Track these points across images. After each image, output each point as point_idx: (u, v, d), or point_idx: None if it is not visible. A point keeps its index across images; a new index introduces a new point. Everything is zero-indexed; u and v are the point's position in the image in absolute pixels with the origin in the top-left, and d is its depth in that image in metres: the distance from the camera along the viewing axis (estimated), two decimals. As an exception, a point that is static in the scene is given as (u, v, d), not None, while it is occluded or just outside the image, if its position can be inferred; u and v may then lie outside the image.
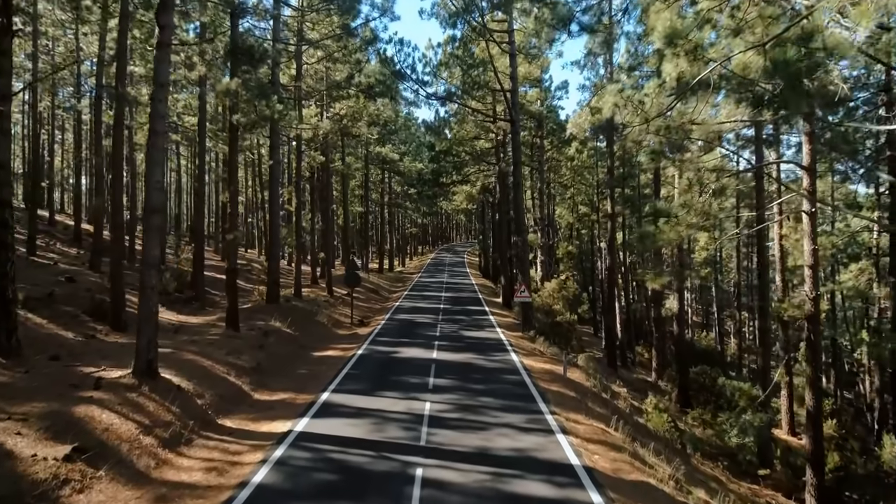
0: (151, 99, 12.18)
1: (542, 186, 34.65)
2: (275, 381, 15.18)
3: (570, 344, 26.44)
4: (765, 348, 16.87)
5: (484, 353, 19.13)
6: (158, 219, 11.96)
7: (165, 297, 23.87)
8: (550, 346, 22.48)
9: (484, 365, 17.29)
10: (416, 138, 61.51)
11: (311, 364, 17.54)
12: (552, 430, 11.25)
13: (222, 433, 11.08)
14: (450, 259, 77.15)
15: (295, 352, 18.60)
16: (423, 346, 19.93)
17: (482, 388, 14.40)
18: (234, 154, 17.25)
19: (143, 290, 11.84)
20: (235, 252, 18.15)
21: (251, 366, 15.44)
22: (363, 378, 15.40)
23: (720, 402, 18.61)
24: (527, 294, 23.51)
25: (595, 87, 28.93)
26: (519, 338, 23.11)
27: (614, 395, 17.83)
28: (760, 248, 17.17)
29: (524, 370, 16.65)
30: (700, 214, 13.77)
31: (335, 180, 49.16)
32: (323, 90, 25.89)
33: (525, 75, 29.32)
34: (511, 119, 24.18)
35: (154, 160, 11.95)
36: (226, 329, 17.71)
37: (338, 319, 26.30)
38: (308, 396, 13.58)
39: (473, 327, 24.74)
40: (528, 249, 27.37)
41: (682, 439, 16.40)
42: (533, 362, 18.13)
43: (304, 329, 22.00)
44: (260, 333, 18.72)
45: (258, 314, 21.53)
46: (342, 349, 19.87)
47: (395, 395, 13.54)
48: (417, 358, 18.08)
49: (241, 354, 16.04)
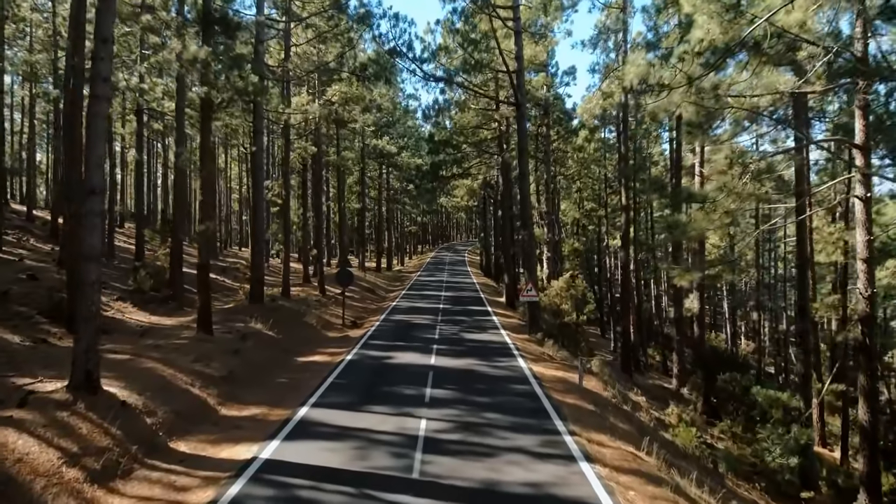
0: (92, 58, 10.21)
1: (547, 179, 32.66)
2: (248, 391, 13.19)
3: (580, 347, 24.47)
4: (805, 354, 14.91)
5: (488, 358, 17.15)
6: (98, 202, 9.97)
7: (140, 296, 21.93)
8: (560, 350, 20.52)
9: (488, 372, 15.31)
10: (414, 133, 59.50)
11: (292, 371, 15.55)
12: (574, 457, 9.27)
13: (171, 460, 9.10)
14: (450, 258, 75.14)
15: (276, 357, 16.61)
16: (420, 351, 17.96)
17: (487, 402, 12.42)
18: (206, 134, 15.29)
19: (81, 288, 9.86)
20: (208, 245, 16.19)
21: (221, 374, 13.45)
22: (350, 388, 13.42)
23: (752, 413, 16.66)
24: (534, 293, 21.55)
25: (606, 70, 26.96)
26: (525, 341, 21.13)
27: (635, 407, 15.84)
28: (800, 240, 15.20)
29: (534, 378, 14.67)
30: (742, 198, 11.76)
31: (331, 175, 47.23)
32: (310, 70, 23.88)
33: (530, 59, 27.37)
34: (516, 102, 22.20)
35: (94, 131, 9.97)
36: (197, 332, 15.74)
37: (328, 321, 24.31)
38: (283, 412, 11.60)
39: (475, 329, 22.76)
40: (535, 245, 25.37)
41: (715, 457, 14.43)
42: (543, 369, 16.15)
43: (290, 331, 20.02)
44: (237, 336, 16.74)
45: (238, 315, 19.55)
46: (330, 354, 17.89)
47: (385, 411, 11.56)
48: (413, 364, 16.10)
49: (212, 361, 14.06)
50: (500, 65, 23.82)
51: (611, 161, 38.36)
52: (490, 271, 54.08)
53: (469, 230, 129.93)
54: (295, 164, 33.30)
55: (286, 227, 26.89)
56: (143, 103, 25.26)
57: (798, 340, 15.26)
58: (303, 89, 31.40)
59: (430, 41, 27.02)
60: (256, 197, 21.44)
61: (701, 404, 19.57)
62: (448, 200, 67.79)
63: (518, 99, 22.13)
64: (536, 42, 27.29)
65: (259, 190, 21.70)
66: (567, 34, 33.36)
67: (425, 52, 25.87)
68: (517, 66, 22.15)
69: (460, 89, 29.09)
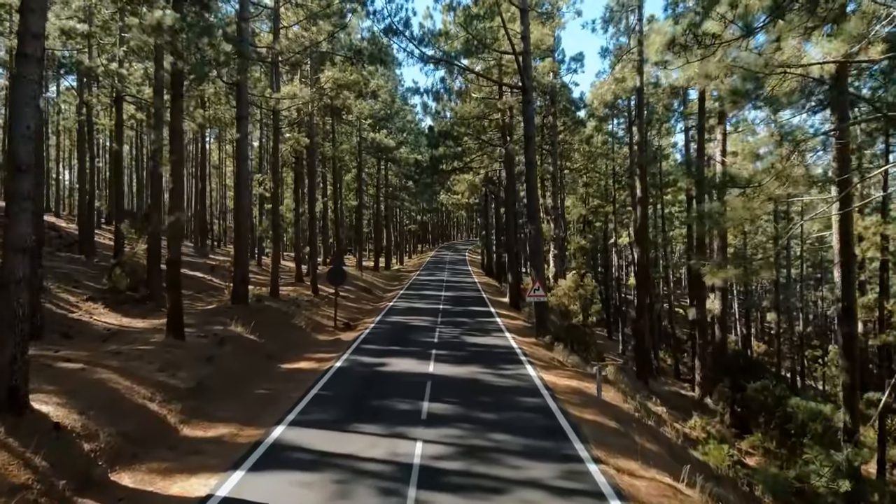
0: (20, 10, 8.49)
1: (554, 171, 30.91)
2: (218, 406, 11.48)
3: (590, 350, 22.76)
4: (850, 360, 13.22)
5: (493, 364, 15.43)
6: (26, 181, 8.26)
7: (114, 296, 20.24)
8: (570, 355, 18.80)
9: (494, 382, 13.60)
10: (413, 128, 57.76)
11: (273, 380, 13.83)
12: (602, 493, 7.56)
13: (109, 498, 7.39)
14: (450, 257, 73.39)
15: (256, 364, 14.89)
16: (418, 357, 16.24)
17: (494, 419, 10.70)
18: (177, 115, 13.58)
19: (5, 287, 8.14)
20: (179, 238, 14.48)
21: (188, 386, 11.73)
22: (336, 402, 11.71)
23: (786, 426, 14.96)
24: (542, 293, 19.84)
25: (619, 52, 25.18)
26: (532, 345, 19.42)
27: (659, 421, 14.12)
28: (844, 233, 13.46)
29: (545, 389, 12.95)
30: (792, 182, 10.02)
31: (327, 170, 45.51)
32: (299, 51, 22.11)
33: (536, 43, 25.60)
34: (522, 86, 20.47)
35: (20, 97, 8.26)
36: (167, 336, 14.02)
37: (319, 322, 22.59)
38: (256, 431, 9.90)
39: (478, 332, 21.05)
40: (543, 241, 23.66)
41: (750, 478, 12.73)
42: (554, 377, 14.43)
43: (275, 335, 18.30)
44: (213, 341, 15.02)
45: (218, 317, 17.84)
46: (318, 360, 16.18)
47: (374, 431, 9.85)
48: (409, 373, 14.39)
49: (179, 370, 12.34)
50: (505, 45, 22.07)
51: (620, 154, 36.64)
52: (492, 270, 52.36)
53: (470, 229, 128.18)
54: (287, 157, 31.58)
55: (275, 222, 25.14)
56: (122, 90, 23.53)
57: (843, 345, 13.51)
58: (296, 77, 29.69)
59: (429, 27, 25.29)
60: (241, 189, 19.71)
61: (729, 416, 17.82)
62: (448, 198, 66.05)
63: (524, 83, 20.40)
64: (543, 23, 25.54)
65: (244, 181, 19.98)
66: (577, 14, 31.82)
67: (424, 37, 24.20)
68: (523, 47, 20.42)
69: (461, 76, 27.32)
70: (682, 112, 24.51)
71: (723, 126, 20.30)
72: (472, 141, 33.73)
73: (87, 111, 27.62)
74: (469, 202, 67.29)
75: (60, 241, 30.71)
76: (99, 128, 31.06)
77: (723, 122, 20.30)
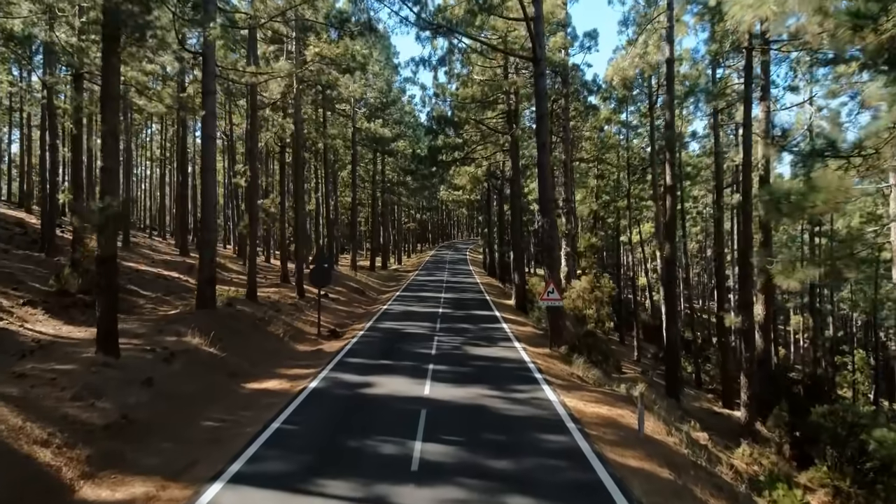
0: None
1: (566, 159, 28.12)
2: (144, 448, 8.71)
3: (610, 361, 20.02)
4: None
5: (502, 384, 12.68)
6: None
7: (61, 299, 17.45)
8: (590, 369, 16.04)
9: (505, 410, 10.83)
10: (411, 121, 54.95)
11: (229, 407, 11.06)
12: None
13: None
14: (451, 256, 70.61)
15: (211, 385, 12.11)
16: (411, 374, 13.49)
17: (509, 470, 7.94)
18: (109, 76, 10.79)
19: None
20: (114, 230, 11.73)
21: (108, 421, 8.97)
22: (302, 442, 8.96)
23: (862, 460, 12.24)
24: (557, 296, 17.09)
25: (643, 19, 22.30)
26: (546, 357, 16.66)
27: (711, 458, 11.34)
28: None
29: (572, 421, 10.19)
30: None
31: (318, 164, 42.79)
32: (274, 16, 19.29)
33: (548, 15, 22.73)
34: (534, 56, 17.70)
35: None
36: (96, 352, 11.25)
37: (300, 330, 19.83)
38: (181, 493, 7.16)
39: (482, 340, 18.29)
40: (558, 235, 20.89)
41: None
42: (579, 402, 11.67)
43: (244, 346, 15.54)
44: (158, 357, 12.24)
45: (175, 325, 15.04)
46: (291, 378, 13.43)
47: (347, 493, 7.11)
48: (400, 396, 11.64)
49: (101, 398, 9.59)
50: (515, 10, 19.31)
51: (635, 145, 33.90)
52: (494, 270, 49.60)
53: (470, 228, 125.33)
54: (273, 145, 28.81)
55: (252, 214, 22.32)
56: (80, 66, 20.71)
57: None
58: (281, 58, 26.91)
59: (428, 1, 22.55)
60: (207, 175, 16.94)
61: (789, 447, 14.98)
62: (449, 194, 63.22)
63: (536, 52, 17.64)
64: (555, -11, 22.82)
65: (210, 165, 17.17)
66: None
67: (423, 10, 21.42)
68: (535, 12, 17.65)
69: (462, 54, 24.57)
70: (712, 91, 21.83)
71: (766, 102, 17.53)
72: (474, 130, 30.96)
73: (47, 93, 24.83)
74: (470, 198, 64.55)
75: (24, 238, 28.00)
76: (62, 111, 28.25)
77: (766, 97, 17.53)
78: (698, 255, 51.74)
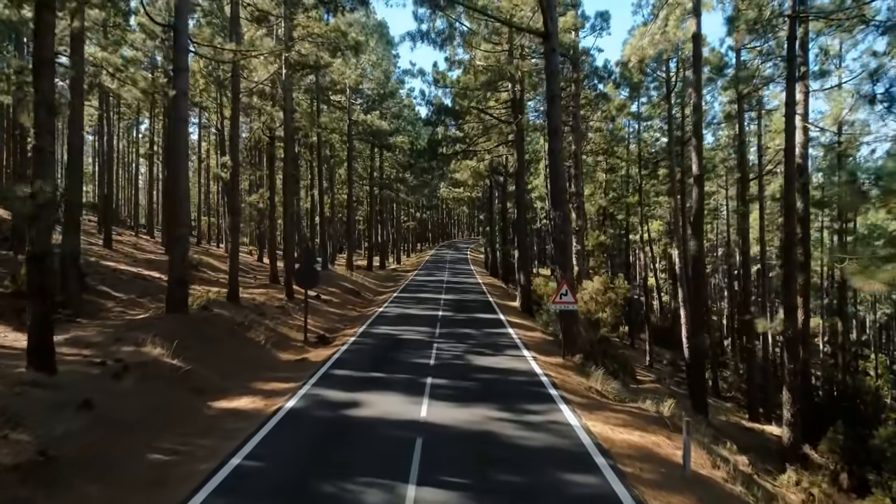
0: None
1: (576, 150, 26.26)
2: (62, 494, 6.84)
3: (627, 370, 18.15)
4: None
5: (512, 402, 10.81)
6: None
7: (14, 302, 15.55)
8: (608, 381, 14.16)
9: (519, 439, 8.95)
10: (411, 115, 53.05)
11: (186, 435, 9.19)
12: None
13: None
14: (451, 255, 68.71)
15: (167, 406, 10.22)
16: (406, 390, 11.63)
17: (530, 531, 6.08)
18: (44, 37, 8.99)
19: None
20: (48, 224, 9.91)
21: (18, 460, 7.10)
22: (263, 487, 7.11)
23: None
24: (571, 298, 15.22)
25: (665, -6, 20.46)
26: (560, 367, 14.80)
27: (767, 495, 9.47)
28: None
29: (599, 453, 8.33)
30: None
31: (313, 159, 40.93)
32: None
33: (556, -7, 20.90)
34: (546, 31, 15.84)
35: None
36: (27, 367, 9.39)
37: (285, 335, 17.96)
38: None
39: (487, 348, 16.42)
40: (571, 231, 19.00)
41: None
42: (605, 426, 9.80)
43: (216, 356, 13.68)
44: (107, 372, 10.39)
45: (136, 332, 13.17)
46: (267, 394, 11.57)
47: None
48: (391, 420, 9.77)
49: (18, 427, 7.73)
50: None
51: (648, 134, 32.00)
52: (496, 270, 47.71)
53: (471, 227, 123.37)
54: (261, 136, 26.95)
55: (234, 207, 20.42)
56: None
57: None
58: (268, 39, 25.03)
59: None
60: (177, 162, 15.04)
61: (846, 476, 13.11)
62: (449, 192, 61.33)
63: (548, 27, 15.77)
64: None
65: (181, 152, 15.30)
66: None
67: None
68: (547, -19, 15.77)
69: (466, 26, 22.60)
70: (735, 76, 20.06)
71: (805, 83, 15.71)
72: (476, 120, 29.08)
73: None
74: (471, 196, 62.69)
75: (-4, 236, 26.25)
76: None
77: (805, 75, 15.69)
78: (709, 254, 49.93)
